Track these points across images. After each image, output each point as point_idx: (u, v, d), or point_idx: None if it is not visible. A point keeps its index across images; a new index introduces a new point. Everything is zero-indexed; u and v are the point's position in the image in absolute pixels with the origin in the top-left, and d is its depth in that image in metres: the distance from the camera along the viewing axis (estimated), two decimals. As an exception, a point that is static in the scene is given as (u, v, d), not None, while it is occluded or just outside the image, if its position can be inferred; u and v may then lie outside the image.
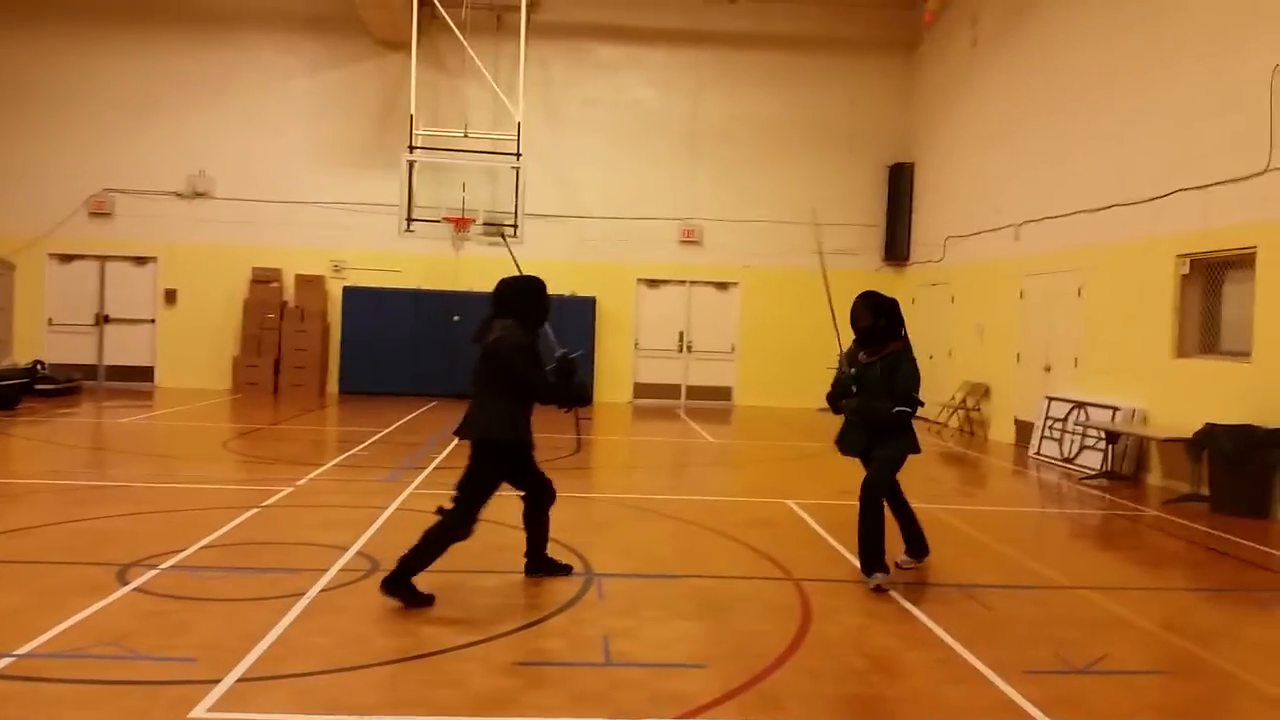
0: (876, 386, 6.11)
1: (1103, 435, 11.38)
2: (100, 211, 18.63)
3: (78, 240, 18.68)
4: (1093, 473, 11.44)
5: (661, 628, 5.21)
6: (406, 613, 5.29)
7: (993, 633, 5.38)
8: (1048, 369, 13.57)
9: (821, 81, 19.46)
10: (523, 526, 6.04)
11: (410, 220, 16.06)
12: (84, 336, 18.82)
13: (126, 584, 5.61)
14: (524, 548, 6.04)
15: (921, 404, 6.20)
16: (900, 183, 19.10)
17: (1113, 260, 12.16)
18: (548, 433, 13.94)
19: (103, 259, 18.84)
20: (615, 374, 19.24)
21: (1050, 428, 12.82)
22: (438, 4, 17.25)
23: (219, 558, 6.34)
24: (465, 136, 17.17)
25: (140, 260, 18.87)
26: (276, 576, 5.88)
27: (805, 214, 19.31)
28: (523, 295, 5.61)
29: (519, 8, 17.63)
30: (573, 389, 5.63)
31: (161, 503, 8.00)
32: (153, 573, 5.86)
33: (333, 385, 18.72)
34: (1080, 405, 12.28)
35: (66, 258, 18.77)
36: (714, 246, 19.49)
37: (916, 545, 6.68)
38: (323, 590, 5.62)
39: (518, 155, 16.65)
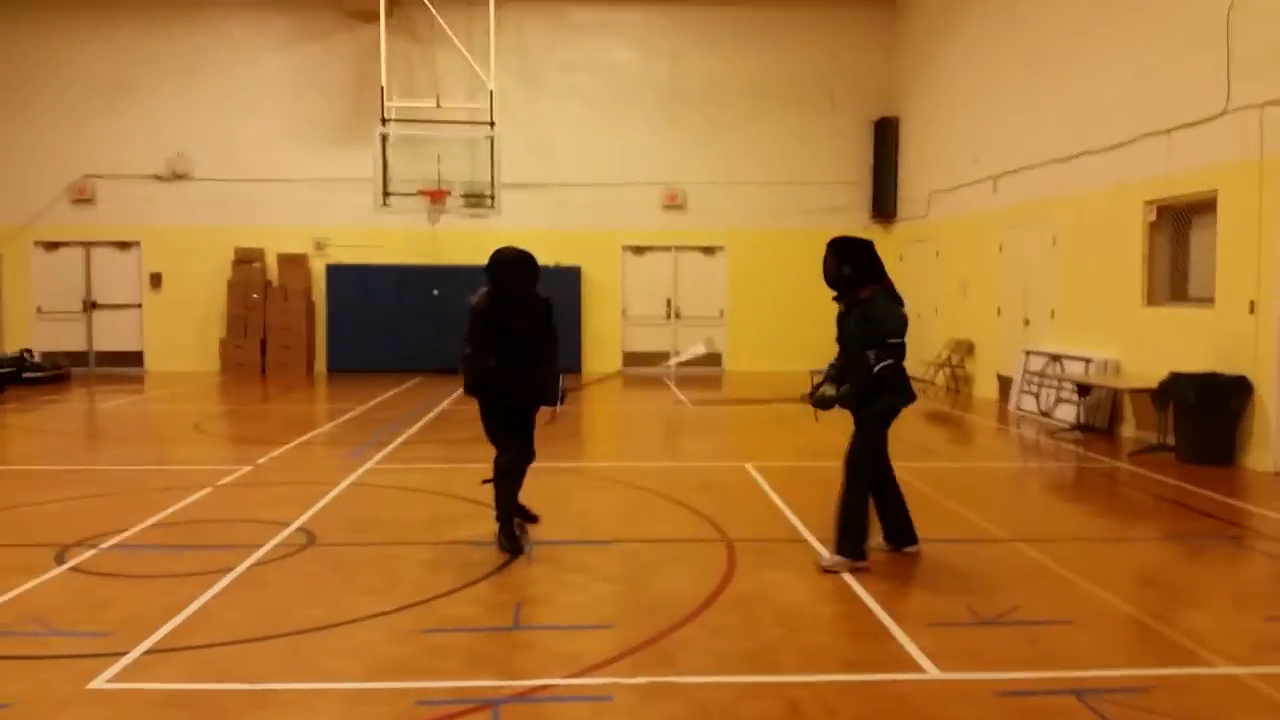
0: (855, 339, 5.68)
1: (1076, 388, 11.32)
2: (82, 198, 18.68)
3: (62, 227, 18.75)
4: (1067, 426, 11.39)
5: (579, 592, 5.25)
6: (330, 584, 5.36)
7: (912, 588, 5.40)
8: (1026, 322, 13.47)
9: (801, 37, 19.20)
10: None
11: (387, 195, 15.99)
12: (73, 324, 18.95)
13: (63, 564, 5.70)
14: (469, 520, 5.99)
15: (901, 347, 5.62)
16: (885, 138, 18.86)
17: (1084, 209, 12.03)
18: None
19: (88, 245, 18.92)
20: (603, 343, 19.23)
21: (1028, 382, 12.76)
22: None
23: (162, 536, 6.42)
24: (438, 107, 17.08)
25: (124, 245, 18.94)
26: (212, 553, 5.95)
27: (790, 174, 19.22)
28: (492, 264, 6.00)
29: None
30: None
31: (121, 485, 8.08)
32: (91, 552, 5.95)
33: (320, 363, 18.80)
34: (1056, 358, 12.20)
35: (52, 245, 18.87)
36: (699, 210, 19.37)
37: (898, 530, 5.93)
38: (253, 565, 5.69)
39: (491, 124, 16.55)
